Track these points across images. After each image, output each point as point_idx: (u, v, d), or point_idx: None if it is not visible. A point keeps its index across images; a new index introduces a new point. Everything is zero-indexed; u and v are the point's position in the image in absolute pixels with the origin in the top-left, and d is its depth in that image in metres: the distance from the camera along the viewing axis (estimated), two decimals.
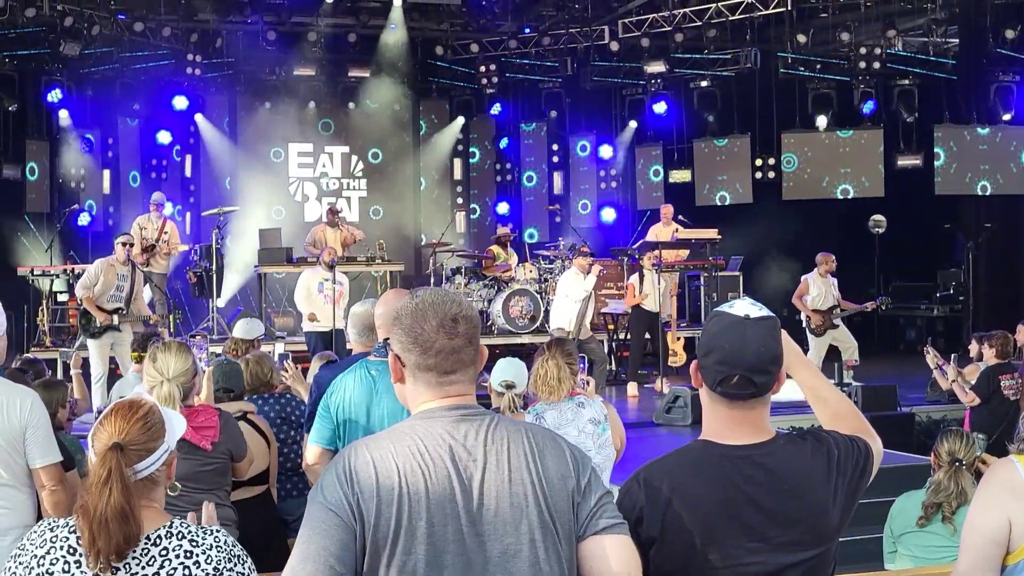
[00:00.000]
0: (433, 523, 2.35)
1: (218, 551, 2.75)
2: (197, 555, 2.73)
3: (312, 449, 4.94)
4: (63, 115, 17.77)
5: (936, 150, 18.64)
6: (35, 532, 2.76)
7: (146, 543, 2.72)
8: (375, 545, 2.34)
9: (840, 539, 2.70)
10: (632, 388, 13.72)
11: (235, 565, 2.77)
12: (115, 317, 11.43)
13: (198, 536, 2.76)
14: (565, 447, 2.51)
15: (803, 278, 13.94)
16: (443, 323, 2.49)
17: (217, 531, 2.81)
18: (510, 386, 5.57)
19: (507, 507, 2.39)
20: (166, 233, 14.81)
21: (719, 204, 19.73)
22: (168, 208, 15.72)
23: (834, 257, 13.93)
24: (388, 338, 2.70)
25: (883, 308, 14.66)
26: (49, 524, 2.77)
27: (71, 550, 2.70)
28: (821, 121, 19.26)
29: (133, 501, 2.69)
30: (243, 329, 8.20)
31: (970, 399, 9.61)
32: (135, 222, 14.97)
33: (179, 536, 2.74)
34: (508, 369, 5.68)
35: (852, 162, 19.34)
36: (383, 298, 5.03)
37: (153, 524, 2.75)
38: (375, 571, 2.35)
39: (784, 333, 2.74)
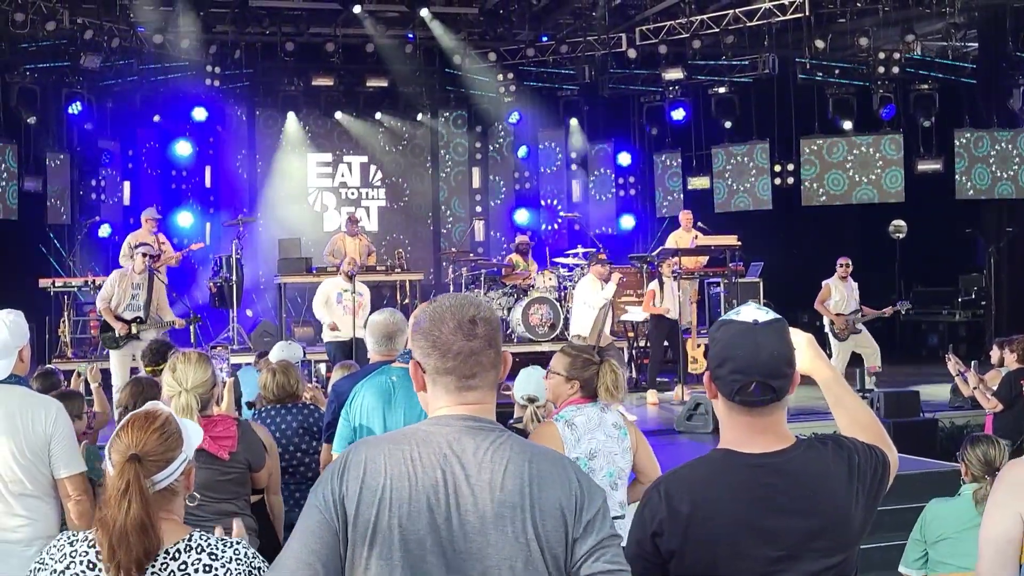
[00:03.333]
0: (411, 530, 2.31)
1: (238, 564, 2.73)
2: (216, 568, 2.71)
3: (330, 454, 5.05)
4: (84, 127, 17.90)
5: (956, 154, 18.54)
6: (54, 546, 2.74)
7: (165, 557, 2.70)
8: (353, 544, 2.33)
9: (864, 545, 2.68)
10: (652, 396, 13.67)
11: None
12: (134, 326, 11.56)
13: (217, 549, 2.74)
14: (574, 478, 2.41)
15: (824, 283, 13.93)
16: (461, 325, 2.46)
17: (238, 543, 2.79)
18: (532, 399, 5.56)
19: (492, 528, 2.32)
20: (164, 244, 14.82)
21: (738, 210, 19.68)
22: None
23: (848, 260, 13.94)
24: None
25: (904, 312, 14.61)
26: (68, 538, 2.75)
27: (91, 564, 2.69)
28: (847, 125, 19.20)
29: (153, 513, 2.67)
30: (277, 354, 8.10)
31: (992, 405, 9.55)
32: (127, 241, 14.72)
33: (198, 549, 2.72)
34: (530, 382, 5.66)
35: (872, 167, 19.26)
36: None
37: (173, 537, 2.73)
38: (353, 571, 2.33)
39: (811, 338, 2.74)
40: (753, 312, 2.65)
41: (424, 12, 18.11)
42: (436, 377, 2.48)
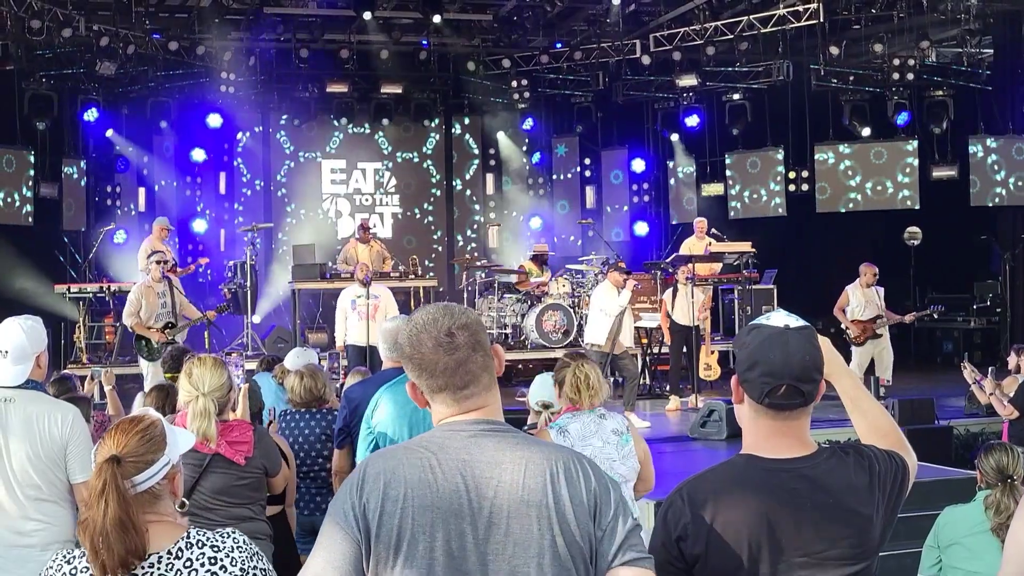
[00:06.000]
0: (436, 538, 2.32)
1: (240, 551, 2.76)
2: (222, 559, 2.73)
3: (343, 460, 5.27)
4: (99, 134, 18.00)
5: (971, 161, 18.49)
6: (52, 564, 2.74)
7: (169, 557, 2.70)
8: (377, 556, 2.33)
9: (879, 553, 2.68)
10: (674, 402, 13.61)
11: (257, 562, 2.78)
12: (167, 332, 11.71)
13: (218, 541, 2.76)
14: (591, 473, 2.44)
15: (845, 289, 13.86)
16: (439, 341, 2.46)
17: (232, 531, 2.82)
18: (547, 406, 5.57)
19: (517, 529, 2.34)
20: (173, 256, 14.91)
21: (752, 217, 19.65)
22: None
23: (876, 269, 13.85)
24: None
25: (934, 316, 14.58)
26: (64, 556, 2.75)
27: None
28: (862, 131, 19.17)
29: (132, 512, 2.66)
30: (292, 360, 8.19)
31: (1008, 412, 9.51)
32: (143, 248, 14.74)
33: (199, 545, 2.74)
34: (545, 389, 5.68)
35: (886, 174, 19.21)
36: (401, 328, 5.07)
37: (170, 537, 2.74)
38: None
39: (827, 341, 2.74)
40: (784, 318, 2.66)
41: (436, 19, 18.06)
42: (432, 395, 2.50)
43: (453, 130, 21.11)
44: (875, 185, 19.25)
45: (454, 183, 21.17)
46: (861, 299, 13.69)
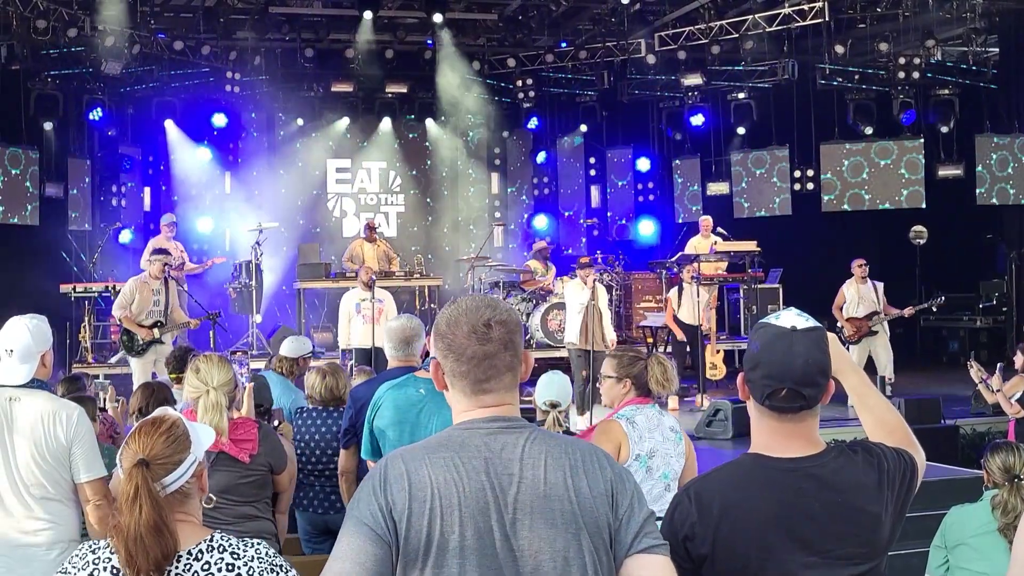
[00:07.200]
0: (465, 537, 2.32)
1: (260, 562, 2.74)
2: (239, 567, 2.72)
3: (349, 460, 5.28)
4: (104, 133, 18.01)
5: (977, 160, 18.46)
6: (77, 555, 2.75)
7: (188, 558, 2.71)
8: (406, 557, 2.33)
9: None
10: (672, 402, 13.59)
11: (277, 574, 2.76)
12: (156, 331, 11.68)
13: (239, 549, 2.75)
14: (606, 464, 2.46)
15: (841, 288, 13.89)
16: (475, 329, 2.47)
17: (258, 543, 2.80)
18: (555, 405, 5.56)
19: (542, 523, 2.36)
20: (181, 252, 14.97)
21: (757, 216, 19.63)
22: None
23: (864, 261, 13.86)
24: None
25: (933, 308, 14.52)
26: (91, 546, 2.76)
27: (114, 570, 2.69)
28: (867, 130, 19.15)
29: (165, 515, 2.68)
30: (289, 347, 8.20)
31: (1015, 411, 9.49)
32: (150, 245, 14.85)
33: (220, 550, 2.74)
34: (551, 387, 5.67)
35: (892, 173, 19.18)
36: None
37: (193, 539, 2.74)
38: None
39: (835, 339, 2.72)
40: (793, 318, 2.64)
41: (437, 17, 17.99)
42: (453, 379, 2.51)
43: (458, 129, 21.07)
44: (881, 184, 19.21)
45: (459, 182, 21.15)
46: (855, 296, 13.72)
